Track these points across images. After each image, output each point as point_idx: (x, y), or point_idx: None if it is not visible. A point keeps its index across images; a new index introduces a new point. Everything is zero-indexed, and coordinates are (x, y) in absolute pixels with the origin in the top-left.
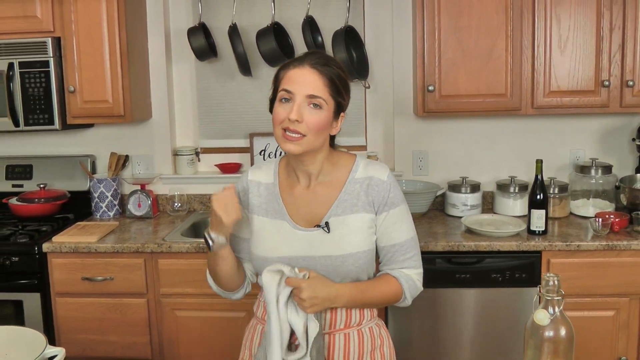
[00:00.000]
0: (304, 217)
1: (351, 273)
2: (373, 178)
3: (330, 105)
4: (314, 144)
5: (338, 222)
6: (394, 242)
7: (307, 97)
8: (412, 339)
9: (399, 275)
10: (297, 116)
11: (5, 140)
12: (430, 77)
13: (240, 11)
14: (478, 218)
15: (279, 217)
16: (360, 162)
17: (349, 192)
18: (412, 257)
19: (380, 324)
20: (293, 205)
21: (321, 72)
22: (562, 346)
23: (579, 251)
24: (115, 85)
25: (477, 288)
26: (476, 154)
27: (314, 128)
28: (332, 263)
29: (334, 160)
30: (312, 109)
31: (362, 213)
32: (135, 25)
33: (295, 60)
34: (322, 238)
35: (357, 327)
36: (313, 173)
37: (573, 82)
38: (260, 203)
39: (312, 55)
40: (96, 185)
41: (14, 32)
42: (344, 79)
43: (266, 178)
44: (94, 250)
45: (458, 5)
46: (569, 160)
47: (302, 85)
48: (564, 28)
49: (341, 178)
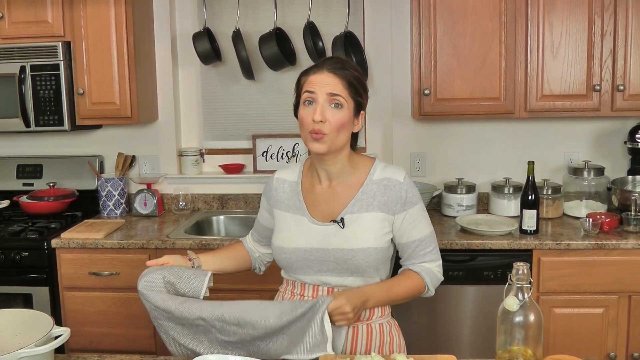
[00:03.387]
0: (323, 213)
1: (360, 267)
2: (390, 179)
3: (349, 104)
4: (336, 142)
5: (353, 219)
6: (414, 238)
7: (329, 96)
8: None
9: (420, 270)
10: (321, 116)
11: (17, 141)
12: (426, 81)
13: (243, 17)
14: (472, 218)
15: (299, 212)
16: (378, 164)
17: (366, 192)
18: (432, 251)
19: (392, 322)
20: (313, 202)
21: (339, 75)
22: (531, 331)
23: (569, 250)
24: (123, 88)
25: (469, 285)
26: (472, 156)
27: (336, 126)
28: (343, 256)
29: (354, 162)
30: (334, 108)
31: (376, 212)
32: (143, 29)
33: (314, 66)
34: (336, 232)
35: (366, 322)
36: (334, 172)
37: (565, 86)
38: (283, 199)
39: (330, 60)
40: (104, 185)
41: (26, 37)
42: (361, 79)
43: (291, 177)
44: (101, 246)
45: (453, 11)
46: (563, 162)
47: (323, 85)
48: (557, 34)
49: (360, 179)
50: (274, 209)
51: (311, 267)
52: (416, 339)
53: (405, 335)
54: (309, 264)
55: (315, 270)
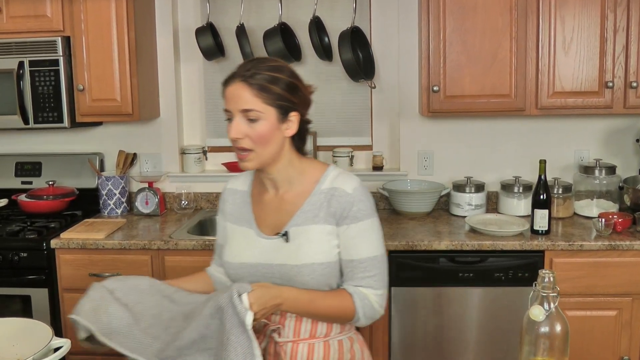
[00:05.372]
0: (270, 225)
1: (307, 285)
2: (337, 189)
3: (269, 112)
4: (264, 154)
5: (298, 232)
6: (352, 257)
7: (242, 112)
8: (416, 337)
9: (353, 292)
10: (237, 134)
11: (15, 138)
12: (435, 78)
13: (247, 11)
14: (482, 218)
15: (247, 224)
16: (330, 172)
17: (312, 203)
18: (372, 277)
19: (354, 338)
20: (261, 213)
21: (250, 84)
22: (557, 342)
23: (581, 251)
24: (124, 84)
25: (480, 287)
26: (481, 154)
27: (257, 140)
28: (287, 272)
29: (302, 168)
30: (251, 122)
31: (323, 224)
32: (144, 24)
33: (230, 75)
34: (280, 247)
35: (323, 339)
36: (278, 181)
37: (577, 83)
38: (233, 211)
39: (242, 67)
40: (104, 183)
41: (25, 32)
42: (281, 79)
43: (242, 186)
44: (102, 247)
45: (463, 7)
46: (574, 161)
47: (234, 101)
48: (568, 29)
49: (308, 187)
50: (227, 222)
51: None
52: (422, 342)
53: (411, 339)
54: (257, 280)
55: None
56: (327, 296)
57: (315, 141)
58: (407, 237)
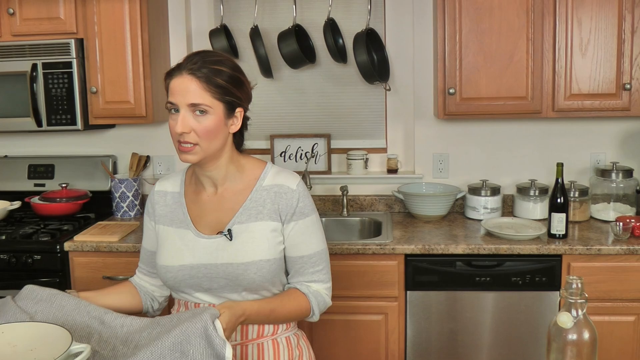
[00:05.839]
0: (210, 224)
1: (254, 283)
2: (282, 186)
3: (217, 107)
4: (209, 149)
5: (241, 229)
6: (302, 253)
7: (189, 106)
8: (431, 341)
9: (307, 292)
10: (183, 128)
11: (28, 140)
12: (451, 80)
13: (261, 13)
14: (498, 221)
15: (182, 226)
16: (270, 169)
17: (255, 200)
18: (321, 271)
19: (299, 334)
20: (198, 213)
21: (199, 77)
22: (585, 349)
23: (599, 255)
24: (137, 86)
25: (497, 291)
26: (496, 156)
27: (203, 135)
28: (233, 271)
29: (241, 165)
30: (198, 115)
31: (267, 221)
32: (157, 26)
33: (175, 67)
34: (224, 245)
35: (271, 337)
36: (218, 178)
37: (594, 85)
38: (166, 213)
39: (190, 59)
40: (117, 186)
41: (38, 34)
42: (232, 74)
43: (172, 187)
44: (116, 250)
45: (479, 8)
46: (590, 164)
47: (182, 94)
48: (585, 31)
49: (248, 184)
50: (158, 224)
51: (200, 285)
52: (438, 346)
53: (426, 343)
54: (198, 282)
55: (206, 288)
56: (285, 302)
57: (329, 144)
58: (423, 240)
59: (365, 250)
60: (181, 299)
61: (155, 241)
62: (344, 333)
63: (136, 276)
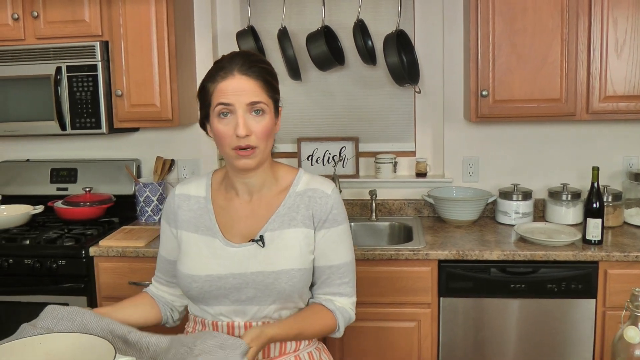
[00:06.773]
0: (240, 232)
1: (284, 293)
2: (317, 190)
3: (270, 106)
4: (265, 151)
5: (274, 236)
6: (330, 263)
7: (248, 105)
8: (466, 348)
9: (334, 309)
10: (246, 130)
11: (51, 144)
12: (484, 82)
13: (289, 14)
14: (530, 226)
15: (209, 233)
16: (303, 175)
17: (288, 206)
18: (347, 283)
19: (320, 347)
20: (228, 220)
21: (252, 75)
22: None
23: (637, 262)
24: (164, 89)
25: (532, 298)
26: (527, 160)
27: (263, 136)
28: (264, 280)
29: (275, 171)
30: (256, 116)
31: (300, 228)
32: (184, 28)
33: (220, 70)
34: (255, 253)
35: (294, 354)
36: (256, 185)
37: (630, 86)
38: (189, 218)
39: (237, 59)
40: (142, 190)
41: (62, 37)
42: (272, 71)
43: (196, 191)
44: (142, 255)
45: (513, 8)
46: (622, 167)
47: (238, 94)
48: (621, 31)
49: (282, 191)
50: (180, 230)
51: (227, 296)
52: (473, 353)
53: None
54: (225, 293)
55: (232, 300)
56: (312, 322)
57: (357, 147)
58: (456, 246)
59: (398, 255)
60: (198, 316)
61: (174, 250)
62: (375, 340)
63: (153, 286)
